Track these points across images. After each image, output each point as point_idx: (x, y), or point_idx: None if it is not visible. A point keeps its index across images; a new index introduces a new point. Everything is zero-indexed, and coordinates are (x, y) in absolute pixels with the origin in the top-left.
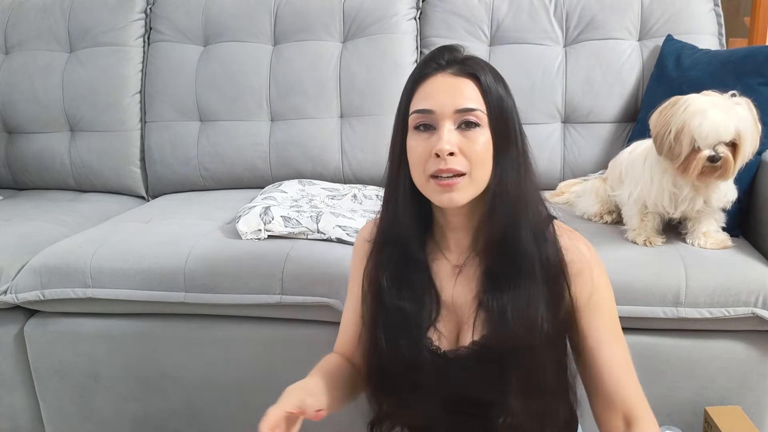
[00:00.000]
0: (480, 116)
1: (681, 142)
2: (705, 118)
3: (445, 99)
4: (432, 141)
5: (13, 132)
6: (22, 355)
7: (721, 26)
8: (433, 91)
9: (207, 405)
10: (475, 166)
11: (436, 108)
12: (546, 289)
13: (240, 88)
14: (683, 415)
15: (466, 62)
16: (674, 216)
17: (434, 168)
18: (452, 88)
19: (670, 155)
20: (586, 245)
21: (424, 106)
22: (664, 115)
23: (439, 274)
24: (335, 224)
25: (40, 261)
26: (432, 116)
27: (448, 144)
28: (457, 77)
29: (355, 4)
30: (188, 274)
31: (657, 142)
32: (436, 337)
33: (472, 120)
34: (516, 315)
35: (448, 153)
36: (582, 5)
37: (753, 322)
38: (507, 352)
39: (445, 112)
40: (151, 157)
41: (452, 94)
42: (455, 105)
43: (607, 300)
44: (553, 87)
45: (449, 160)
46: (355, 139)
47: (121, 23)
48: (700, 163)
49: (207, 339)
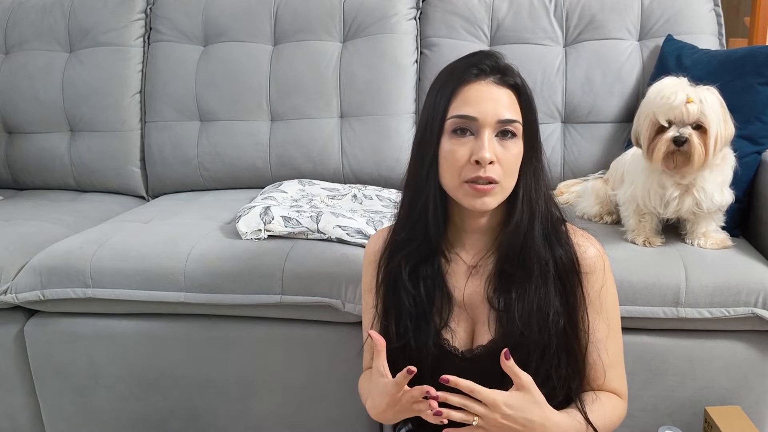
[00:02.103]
0: (518, 128)
1: (642, 124)
2: (665, 94)
3: (488, 108)
4: (472, 147)
5: (13, 132)
6: (22, 355)
7: (721, 26)
8: (477, 98)
9: (207, 405)
10: (507, 174)
11: (479, 116)
12: (559, 287)
13: (240, 88)
14: (683, 415)
15: (507, 72)
16: (667, 216)
17: (473, 174)
18: (496, 97)
19: (639, 143)
20: (597, 244)
21: (467, 112)
22: (641, 106)
23: (453, 274)
24: (335, 224)
25: (40, 261)
26: (474, 123)
27: (490, 152)
28: (500, 87)
29: (355, 4)
30: (188, 274)
31: (635, 135)
32: (450, 336)
33: (512, 130)
34: (530, 313)
35: (489, 161)
36: (582, 5)
37: (753, 322)
38: (522, 349)
39: (487, 120)
40: (151, 157)
41: (495, 103)
42: (498, 115)
43: (610, 297)
44: (553, 87)
45: (488, 168)
46: (355, 139)
47: (121, 23)
48: (664, 144)
49: (207, 339)
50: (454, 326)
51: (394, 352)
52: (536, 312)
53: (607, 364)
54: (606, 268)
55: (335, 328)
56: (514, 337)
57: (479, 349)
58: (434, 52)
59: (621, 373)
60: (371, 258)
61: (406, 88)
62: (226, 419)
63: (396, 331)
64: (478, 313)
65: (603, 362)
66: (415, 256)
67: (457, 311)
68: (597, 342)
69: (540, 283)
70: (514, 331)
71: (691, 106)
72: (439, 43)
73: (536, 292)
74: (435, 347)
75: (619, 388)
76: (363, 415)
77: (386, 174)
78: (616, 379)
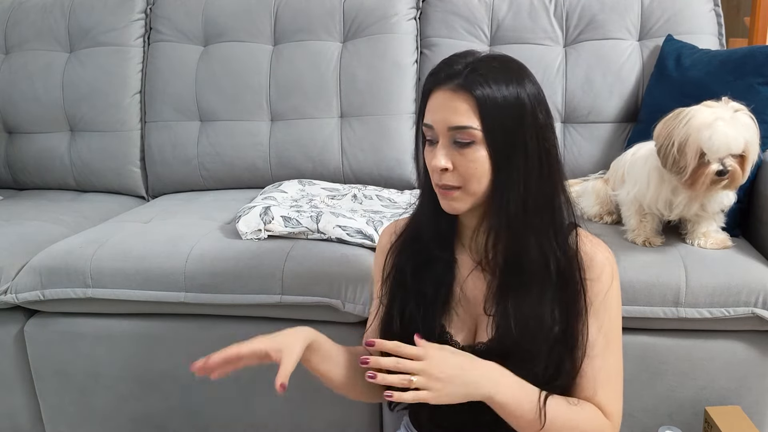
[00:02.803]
0: (473, 134)
1: (686, 155)
2: (714, 131)
3: (441, 116)
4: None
5: (13, 132)
6: (22, 355)
7: (721, 26)
8: (434, 106)
9: (207, 405)
10: (470, 180)
11: (434, 124)
12: (560, 293)
13: (240, 88)
14: (683, 415)
15: (468, 76)
16: (671, 218)
17: (435, 180)
18: (447, 105)
19: (676, 169)
20: (607, 252)
21: (427, 120)
22: (667, 127)
23: (461, 270)
24: (335, 224)
25: (40, 261)
26: (433, 131)
27: (440, 161)
28: (454, 93)
29: (355, 4)
30: (188, 274)
31: (661, 154)
32: (453, 331)
33: (465, 139)
34: (527, 319)
35: (441, 169)
36: (582, 5)
37: (753, 322)
38: (518, 353)
39: (440, 128)
40: (151, 157)
41: (447, 111)
42: (447, 122)
43: (614, 309)
44: (553, 87)
45: (442, 176)
46: (355, 139)
47: (121, 23)
48: (709, 177)
49: (207, 339)
50: (458, 321)
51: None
52: (533, 318)
53: (600, 378)
54: (614, 278)
55: (335, 328)
56: (512, 338)
57: (480, 345)
58: (434, 52)
59: (615, 390)
60: (382, 249)
61: (406, 88)
62: (226, 419)
63: (400, 323)
64: (479, 310)
65: (594, 374)
66: (424, 252)
67: (460, 307)
68: (591, 350)
69: (540, 292)
70: (510, 332)
71: (736, 144)
72: (439, 43)
73: (535, 300)
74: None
75: (608, 406)
76: (363, 415)
77: (386, 174)
78: (607, 396)
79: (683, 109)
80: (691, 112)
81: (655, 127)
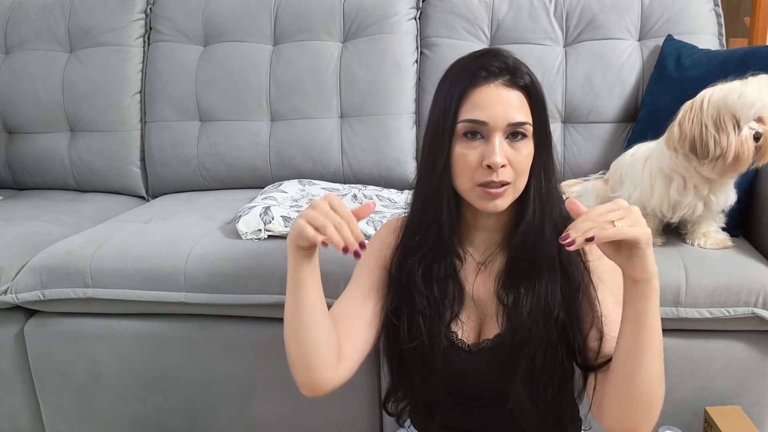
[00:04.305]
0: (528, 129)
1: (725, 129)
2: (741, 90)
3: (498, 111)
4: (483, 152)
5: (13, 132)
6: (22, 355)
7: (721, 26)
8: (486, 101)
9: (207, 405)
10: (519, 175)
11: (489, 120)
12: (565, 280)
13: (240, 88)
14: (683, 415)
15: (515, 72)
16: (674, 221)
17: (485, 178)
18: (505, 100)
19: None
20: None
21: (477, 116)
22: (691, 119)
23: (464, 270)
24: None
25: (40, 261)
26: (484, 127)
27: (501, 156)
28: (510, 89)
29: (355, 4)
30: (188, 274)
31: (700, 145)
32: (459, 329)
33: (522, 132)
34: (538, 309)
35: (500, 165)
36: (582, 5)
37: (753, 322)
38: (529, 344)
39: (497, 124)
40: (151, 157)
41: (505, 107)
42: (508, 119)
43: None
44: (553, 87)
45: (500, 172)
46: (355, 139)
47: (121, 23)
48: (750, 143)
49: (207, 339)
50: (464, 320)
51: (404, 343)
52: (543, 308)
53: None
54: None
55: None
56: (522, 332)
57: (485, 342)
58: (434, 52)
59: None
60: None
61: (406, 88)
62: (226, 419)
63: (408, 331)
64: (486, 309)
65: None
66: (428, 258)
67: (466, 306)
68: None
69: (548, 279)
70: (522, 326)
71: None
72: (439, 43)
73: (544, 288)
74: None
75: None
76: (363, 415)
77: (386, 174)
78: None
79: (694, 99)
80: (707, 93)
81: (674, 130)
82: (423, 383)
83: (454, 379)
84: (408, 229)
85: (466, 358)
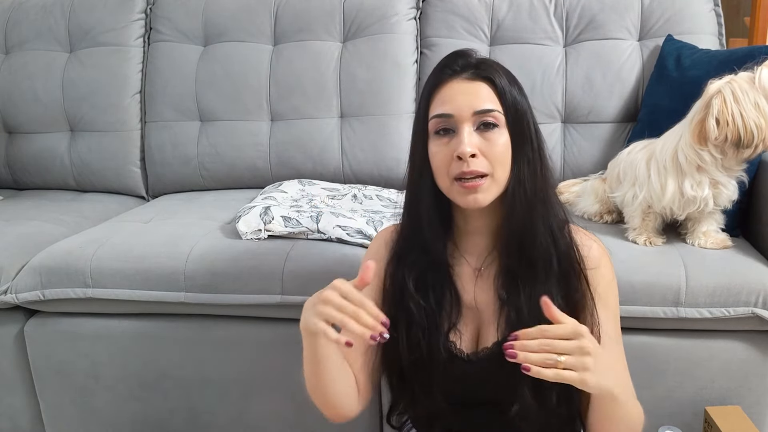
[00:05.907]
0: (498, 117)
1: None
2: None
3: (462, 102)
4: (453, 144)
5: (13, 132)
6: (22, 355)
7: (721, 26)
8: (451, 95)
9: (207, 405)
10: (497, 166)
11: (454, 111)
12: (562, 285)
13: (240, 88)
14: (683, 415)
15: (480, 66)
16: (680, 218)
17: (457, 171)
18: (469, 91)
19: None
20: (599, 242)
21: (443, 110)
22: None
23: (461, 277)
24: (335, 224)
25: (40, 261)
26: (451, 120)
27: (469, 146)
28: (473, 81)
29: (355, 4)
30: (188, 274)
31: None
32: (457, 339)
33: (491, 121)
34: (533, 312)
35: (469, 155)
36: (582, 5)
37: (753, 322)
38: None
39: (463, 114)
40: (151, 157)
41: (469, 96)
42: (473, 107)
43: (611, 297)
44: (553, 87)
45: (471, 162)
46: (355, 139)
47: (121, 23)
48: None
49: (207, 339)
50: (461, 329)
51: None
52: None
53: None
54: (611, 268)
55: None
56: None
57: (484, 351)
58: (434, 52)
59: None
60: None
61: (406, 88)
62: (226, 419)
63: (407, 344)
64: (484, 316)
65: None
66: (420, 264)
67: (464, 314)
68: (606, 338)
69: (544, 279)
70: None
71: None
72: (439, 43)
73: (540, 288)
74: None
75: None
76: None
77: (386, 174)
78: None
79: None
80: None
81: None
82: (423, 394)
83: (454, 388)
84: (399, 238)
85: (466, 368)
